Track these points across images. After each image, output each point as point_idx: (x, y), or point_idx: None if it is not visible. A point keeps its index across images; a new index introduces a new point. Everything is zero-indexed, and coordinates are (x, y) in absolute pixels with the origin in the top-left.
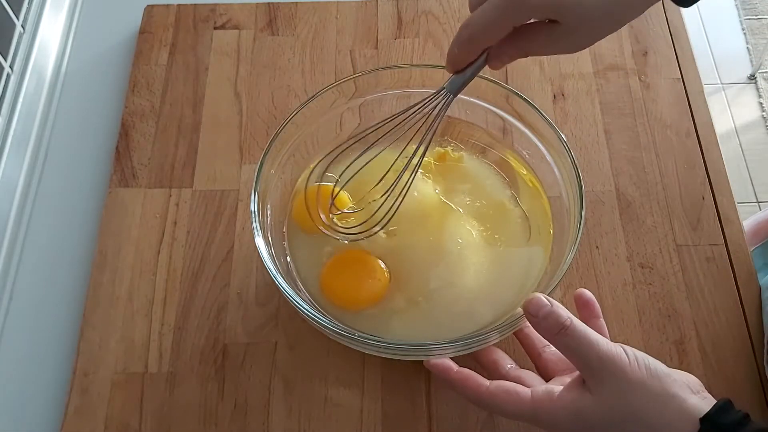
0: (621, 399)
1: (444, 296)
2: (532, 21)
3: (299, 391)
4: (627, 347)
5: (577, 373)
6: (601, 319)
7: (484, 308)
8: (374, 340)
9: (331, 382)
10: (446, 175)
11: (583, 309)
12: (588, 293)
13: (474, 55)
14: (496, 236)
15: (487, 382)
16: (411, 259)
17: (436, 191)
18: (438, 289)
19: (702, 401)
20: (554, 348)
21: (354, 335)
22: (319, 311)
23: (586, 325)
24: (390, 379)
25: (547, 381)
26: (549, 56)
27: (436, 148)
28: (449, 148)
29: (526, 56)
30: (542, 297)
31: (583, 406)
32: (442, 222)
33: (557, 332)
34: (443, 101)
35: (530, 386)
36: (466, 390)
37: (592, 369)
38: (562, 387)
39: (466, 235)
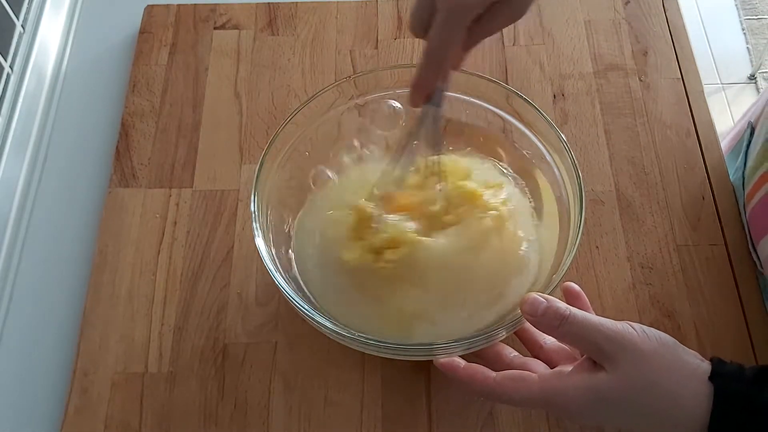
0: (638, 371)
1: (457, 302)
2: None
3: (299, 391)
4: (632, 323)
5: (584, 357)
6: (591, 311)
7: (490, 309)
8: (374, 340)
9: (331, 382)
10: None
11: (575, 302)
12: (576, 286)
13: (447, 72)
14: (508, 236)
15: (493, 374)
16: (440, 270)
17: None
18: (455, 297)
19: (709, 366)
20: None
21: (354, 335)
22: (319, 311)
23: (585, 312)
24: (390, 379)
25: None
26: (549, 57)
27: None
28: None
29: (478, 42)
30: (538, 296)
31: (597, 383)
32: (469, 229)
33: (558, 325)
34: (433, 117)
35: (536, 372)
36: (474, 384)
37: (603, 350)
38: (570, 369)
39: (492, 242)
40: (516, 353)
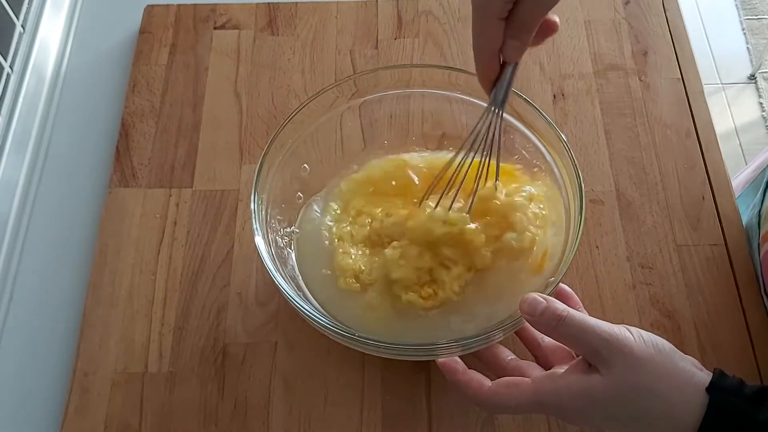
0: (632, 376)
1: (468, 304)
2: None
3: (299, 391)
4: (630, 327)
5: (579, 358)
6: (583, 311)
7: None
8: (374, 340)
9: (331, 382)
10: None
11: (565, 302)
12: (567, 287)
13: (493, 62)
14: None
15: (488, 382)
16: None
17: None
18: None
19: (708, 376)
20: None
21: (354, 335)
22: (319, 311)
23: (582, 314)
24: (390, 379)
25: (547, 370)
26: (549, 57)
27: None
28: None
29: (531, 33)
30: (537, 296)
31: (590, 385)
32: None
33: (555, 325)
34: (493, 117)
35: (531, 376)
36: (469, 391)
37: (598, 352)
38: (563, 369)
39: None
40: (513, 356)
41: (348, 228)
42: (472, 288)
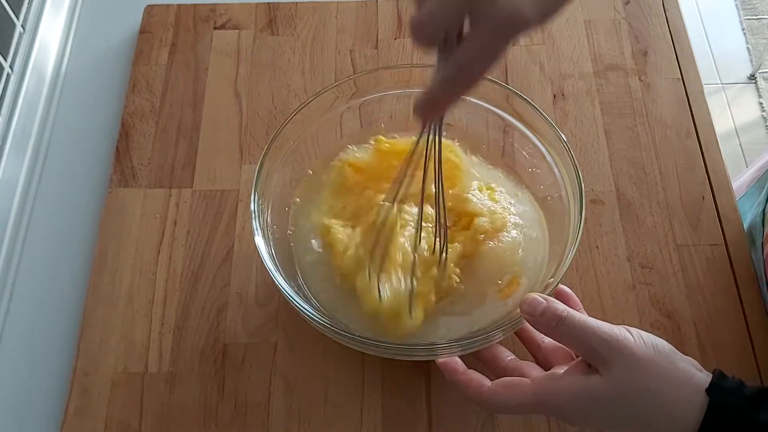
0: (632, 377)
1: (467, 303)
2: None
3: (299, 391)
4: (630, 328)
5: (579, 359)
6: (583, 311)
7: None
8: (374, 340)
9: (331, 382)
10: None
11: (565, 303)
12: (566, 288)
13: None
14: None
15: (488, 382)
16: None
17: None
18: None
19: (708, 377)
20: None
21: (354, 335)
22: (319, 311)
23: (582, 315)
24: (390, 379)
25: (547, 371)
26: (549, 57)
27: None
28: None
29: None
30: (537, 296)
31: (590, 385)
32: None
33: (555, 325)
34: (434, 132)
35: (530, 376)
36: (469, 391)
37: (599, 353)
38: (563, 370)
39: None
40: (513, 356)
41: (346, 227)
42: (467, 277)
